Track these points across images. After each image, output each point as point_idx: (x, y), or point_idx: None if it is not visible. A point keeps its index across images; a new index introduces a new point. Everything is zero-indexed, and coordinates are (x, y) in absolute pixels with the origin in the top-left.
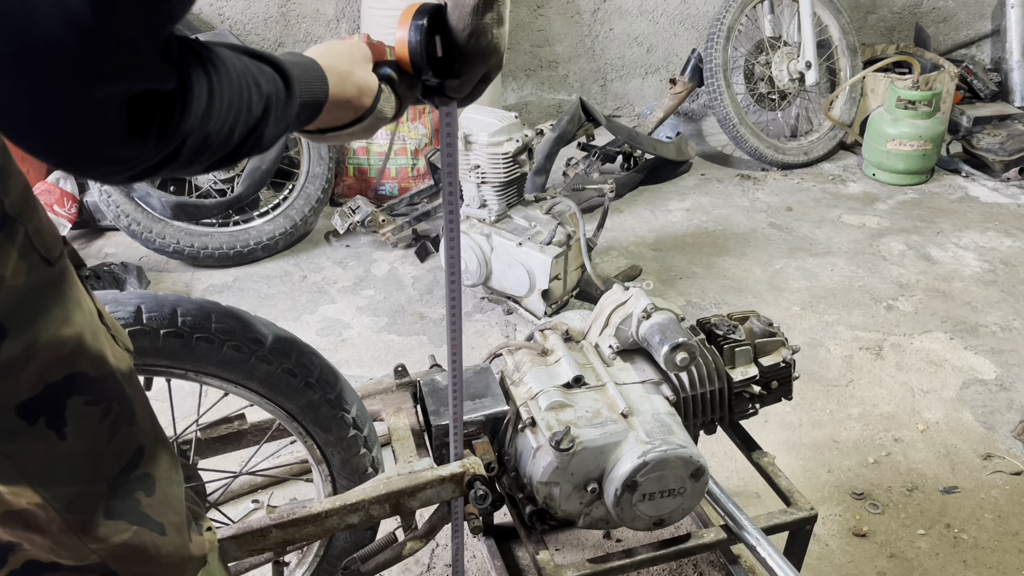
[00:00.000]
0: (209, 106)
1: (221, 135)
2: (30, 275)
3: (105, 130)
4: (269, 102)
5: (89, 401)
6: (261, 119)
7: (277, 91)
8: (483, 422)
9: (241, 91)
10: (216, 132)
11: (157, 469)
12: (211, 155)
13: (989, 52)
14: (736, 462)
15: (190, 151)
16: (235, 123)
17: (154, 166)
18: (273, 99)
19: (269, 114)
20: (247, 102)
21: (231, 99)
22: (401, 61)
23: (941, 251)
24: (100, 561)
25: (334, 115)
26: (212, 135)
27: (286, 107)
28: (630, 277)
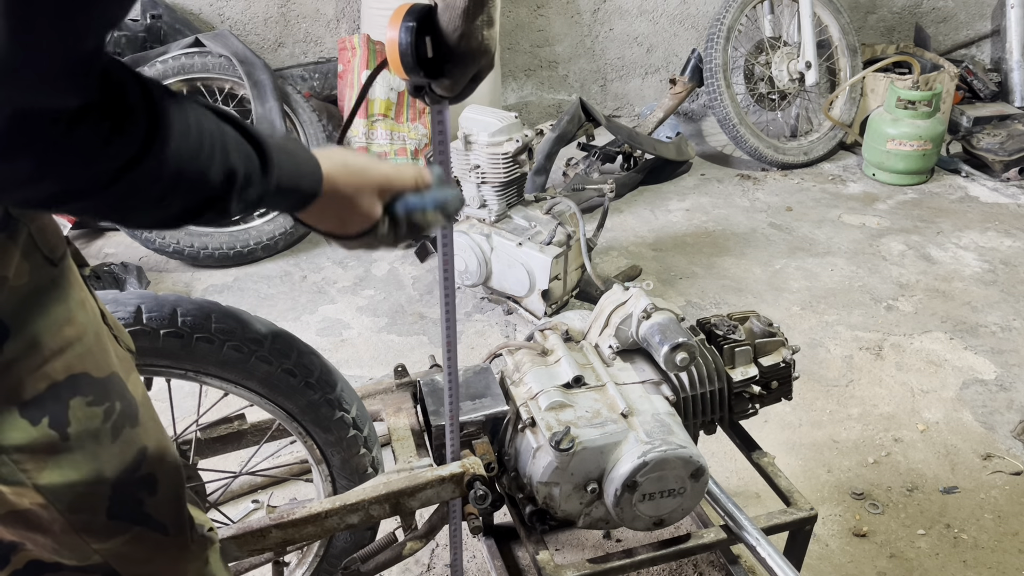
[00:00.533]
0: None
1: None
2: (33, 275)
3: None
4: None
5: (92, 401)
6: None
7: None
8: (483, 422)
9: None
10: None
11: (160, 469)
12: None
13: (989, 52)
14: (736, 462)
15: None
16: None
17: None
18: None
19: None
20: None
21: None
22: (391, 62)
23: (941, 251)
24: (103, 561)
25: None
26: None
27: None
28: (630, 277)
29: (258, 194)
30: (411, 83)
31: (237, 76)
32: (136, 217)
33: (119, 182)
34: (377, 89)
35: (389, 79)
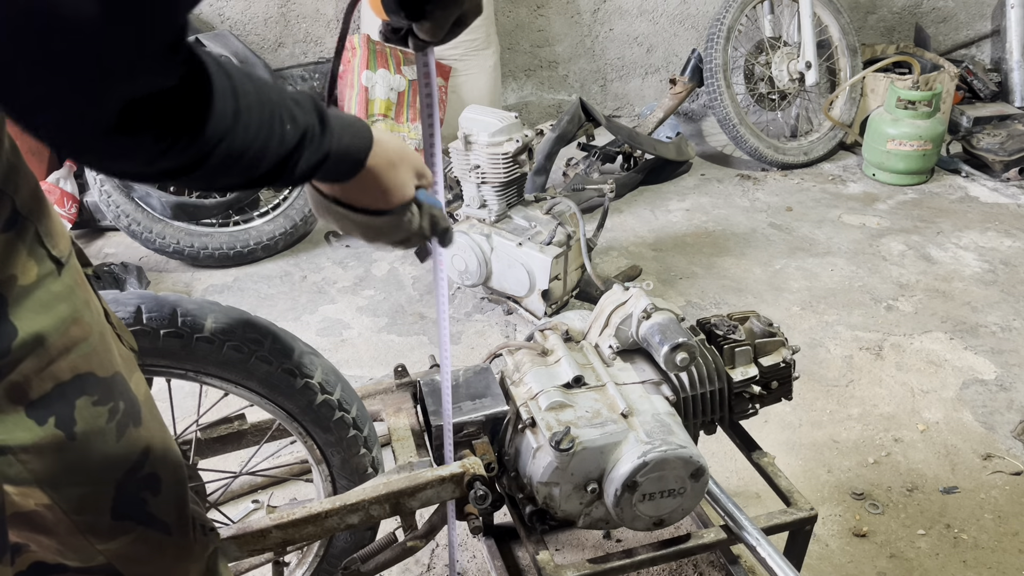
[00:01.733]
0: (235, 119)
1: (250, 155)
2: (40, 274)
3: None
4: (305, 134)
5: (97, 401)
6: (295, 149)
7: (312, 124)
8: (483, 422)
9: (273, 114)
10: (245, 150)
11: (163, 469)
12: (239, 173)
13: (989, 52)
14: (736, 462)
15: (216, 163)
16: (266, 145)
17: (173, 170)
18: (309, 132)
19: (303, 146)
20: (279, 128)
21: (261, 119)
22: (372, 4)
23: (941, 251)
24: (106, 562)
25: (358, 192)
26: (240, 152)
27: (320, 143)
28: (630, 277)
29: (320, 153)
30: (391, 25)
31: None
32: (227, 182)
33: (216, 153)
34: (377, 89)
35: (389, 79)
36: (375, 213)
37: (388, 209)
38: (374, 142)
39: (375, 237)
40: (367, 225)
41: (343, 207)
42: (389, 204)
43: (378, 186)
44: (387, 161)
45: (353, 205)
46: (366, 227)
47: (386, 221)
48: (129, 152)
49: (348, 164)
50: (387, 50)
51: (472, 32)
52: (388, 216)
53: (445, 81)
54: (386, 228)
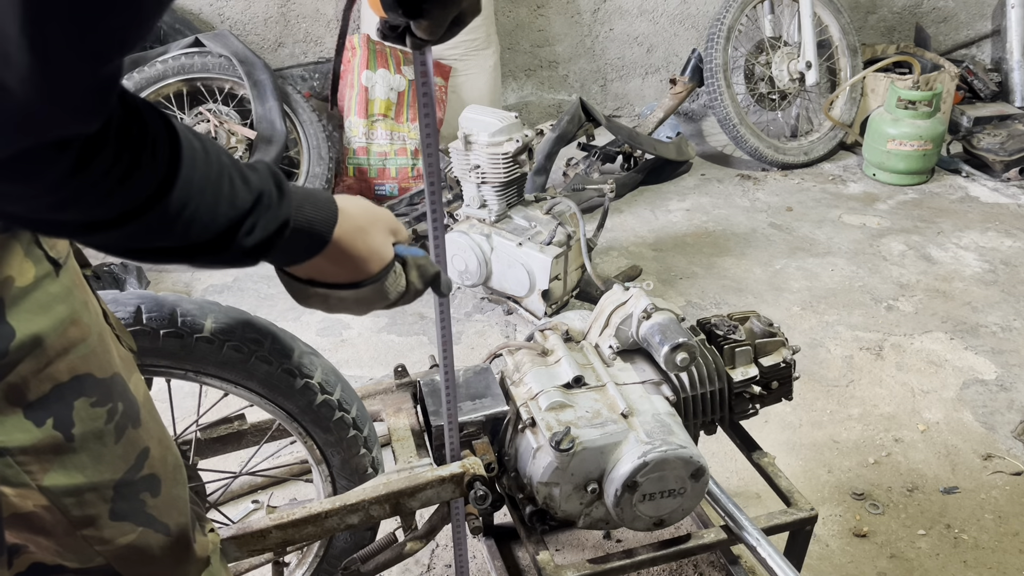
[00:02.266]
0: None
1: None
2: (37, 275)
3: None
4: (260, 197)
5: (96, 402)
6: (248, 212)
7: (269, 190)
8: (483, 422)
9: (222, 171)
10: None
11: (162, 470)
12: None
13: (989, 52)
14: (736, 462)
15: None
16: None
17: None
18: (265, 196)
19: (257, 211)
20: (229, 187)
21: (208, 173)
22: (370, 1)
23: (941, 251)
24: (105, 563)
25: (332, 268)
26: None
27: (277, 211)
28: (630, 277)
29: (277, 222)
30: (388, 23)
31: (237, 76)
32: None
33: (145, 213)
34: (377, 89)
35: (389, 79)
36: (356, 285)
37: (369, 278)
38: (339, 212)
39: (365, 308)
40: (352, 299)
41: (321, 286)
42: (369, 272)
43: (351, 257)
44: (355, 228)
45: (331, 282)
46: (352, 301)
47: (371, 290)
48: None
49: (314, 238)
50: (387, 50)
51: (472, 32)
52: (371, 284)
53: (445, 81)
54: (373, 297)
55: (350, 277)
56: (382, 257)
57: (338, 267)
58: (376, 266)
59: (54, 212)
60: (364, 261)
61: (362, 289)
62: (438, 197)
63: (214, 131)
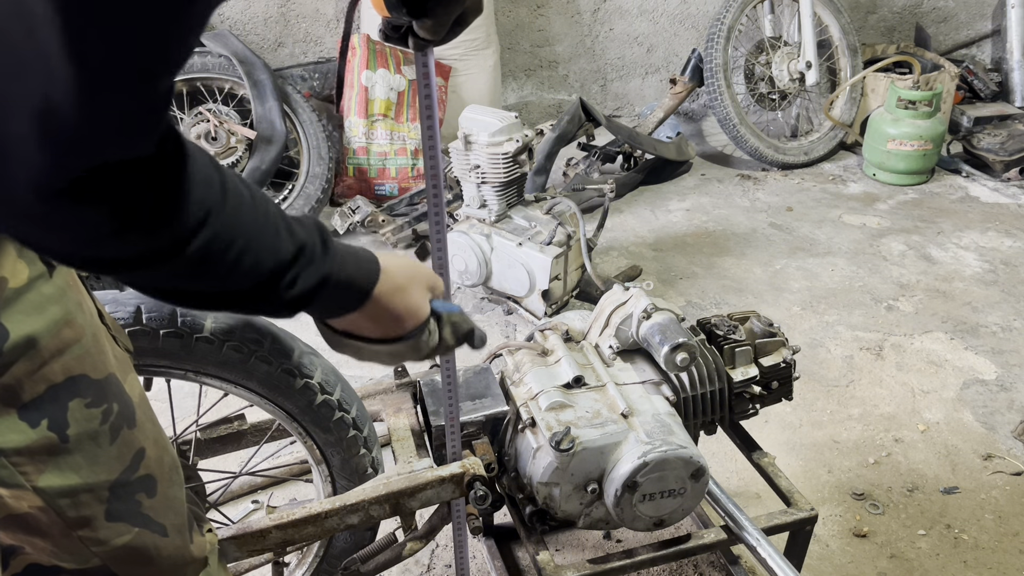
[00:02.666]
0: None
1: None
2: (30, 276)
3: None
4: (303, 248)
5: (91, 403)
6: (291, 263)
7: (313, 242)
8: (483, 422)
9: (268, 218)
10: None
11: (158, 470)
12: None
13: (989, 52)
14: (736, 462)
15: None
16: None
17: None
18: (308, 248)
19: (300, 262)
20: (273, 235)
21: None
22: (373, 1)
23: (941, 251)
24: (102, 564)
25: (369, 324)
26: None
27: (320, 264)
28: (630, 277)
29: (319, 275)
30: (391, 23)
31: (237, 76)
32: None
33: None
34: (377, 89)
35: (389, 79)
36: (391, 340)
37: (404, 335)
38: (381, 271)
39: (397, 361)
40: (385, 353)
41: (356, 339)
42: (404, 330)
43: (389, 314)
44: (394, 287)
45: (367, 336)
46: (385, 355)
47: (405, 346)
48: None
49: (353, 295)
50: (387, 50)
51: (472, 32)
52: (406, 341)
53: (445, 81)
54: (406, 352)
55: (385, 333)
56: (418, 316)
57: (374, 324)
58: (412, 324)
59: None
60: (401, 320)
61: (396, 345)
62: (439, 197)
63: (214, 131)
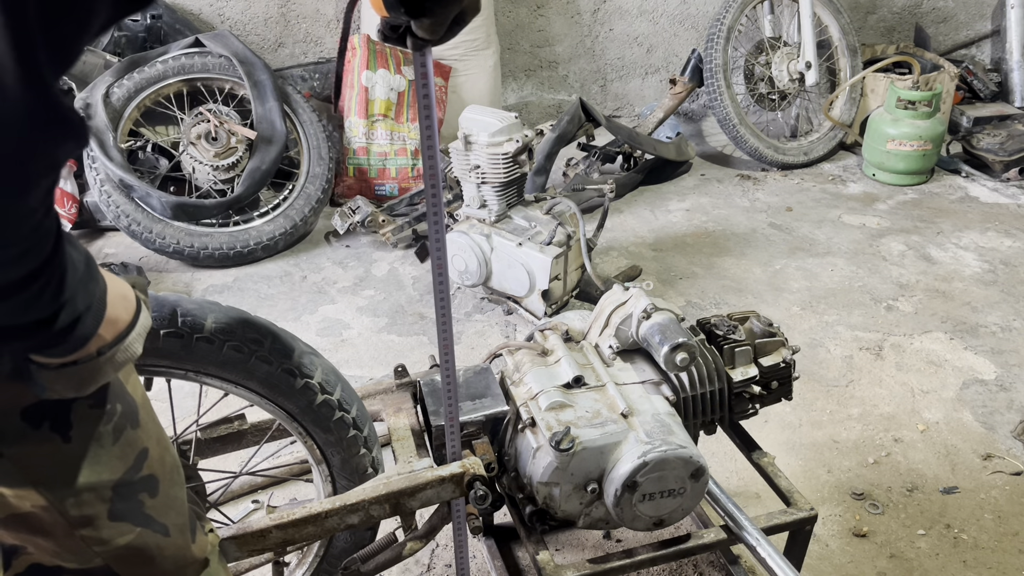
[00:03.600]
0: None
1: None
2: None
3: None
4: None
5: (93, 404)
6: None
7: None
8: (483, 422)
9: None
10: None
11: (161, 470)
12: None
13: (989, 52)
14: (736, 462)
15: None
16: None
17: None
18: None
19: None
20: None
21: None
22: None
23: (941, 251)
24: (104, 564)
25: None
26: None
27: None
28: (630, 277)
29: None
30: (390, 23)
31: (237, 76)
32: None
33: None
34: (377, 89)
35: (389, 79)
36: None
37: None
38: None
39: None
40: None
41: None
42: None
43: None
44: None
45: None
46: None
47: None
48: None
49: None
50: (387, 50)
51: (472, 32)
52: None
53: (445, 81)
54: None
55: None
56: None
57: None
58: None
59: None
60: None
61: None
62: (438, 197)
63: (214, 131)
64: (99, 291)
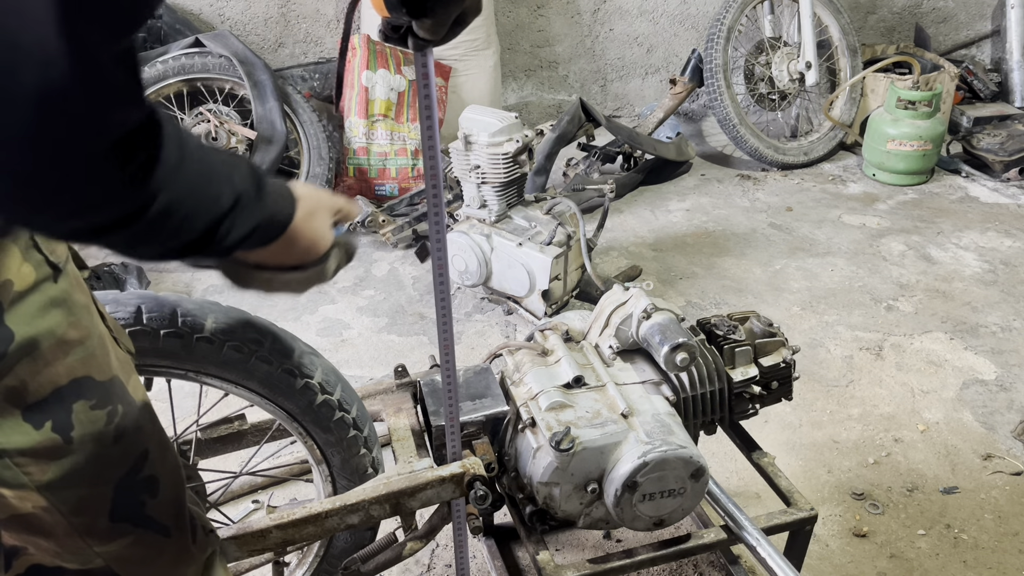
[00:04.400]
0: (180, 164)
1: (185, 211)
2: (36, 279)
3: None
4: (239, 199)
5: (95, 405)
6: (228, 212)
7: (247, 189)
8: (483, 422)
9: (212, 172)
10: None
11: (161, 471)
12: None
13: (989, 52)
14: (736, 462)
15: (155, 215)
16: (201, 204)
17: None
18: (244, 197)
19: (236, 211)
20: (216, 189)
21: (202, 173)
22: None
23: (941, 251)
24: (105, 565)
25: (283, 253)
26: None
27: (254, 208)
28: (630, 277)
29: (253, 221)
30: (391, 23)
31: (237, 76)
32: (152, 245)
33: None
34: (377, 89)
35: (389, 79)
36: (302, 268)
37: (315, 260)
38: (296, 200)
39: (306, 288)
40: (296, 281)
41: (266, 270)
42: (316, 255)
43: (302, 242)
44: (306, 214)
45: (277, 266)
46: (296, 283)
47: (315, 271)
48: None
49: (275, 229)
50: (387, 50)
51: (472, 32)
52: (316, 266)
53: (445, 81)
54: (315, 277)
55: (298, 261)
56: (326, 240)
57: (288, 253)
58: (321, 250)
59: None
60: (312, 245)
61: (307, 271)
62: (439, 197)
63: (214, 131)
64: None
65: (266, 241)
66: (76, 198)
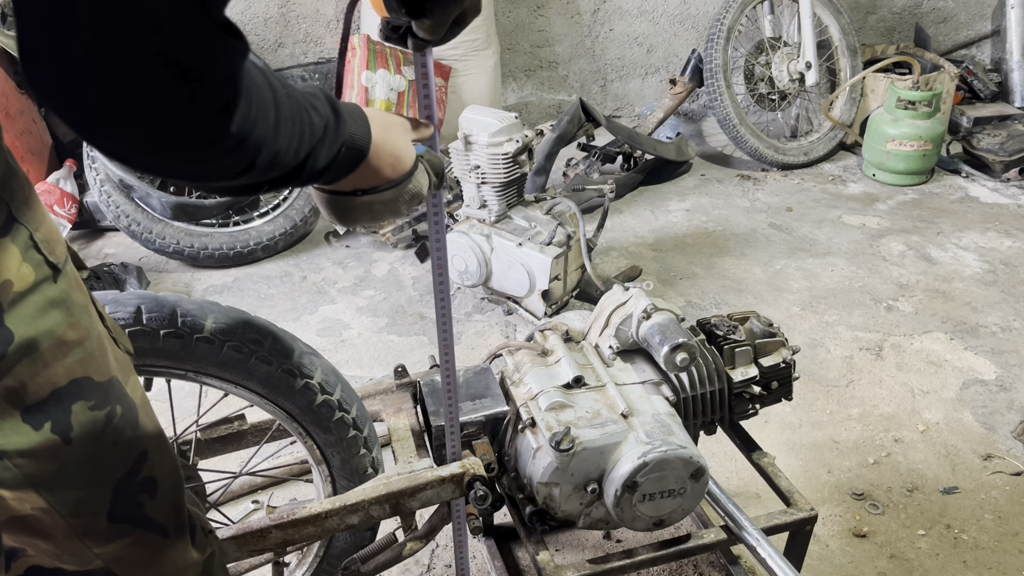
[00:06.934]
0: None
1: (290, 151)
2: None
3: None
4: (327, 124)
5: (94, 406)
6: (321, 139)
7: (329, 116)
8: (483, 422)
9: (302, 108)
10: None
11: (160, 472)
12: (281, 168)
13: (989, 52)
14: (736, 462)
15: (263, 164)
16: (300, 140)
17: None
18: (329, 122)
19: (326, 136)
20: (309, 119)
21: (294, 114)
22: (373, 1)
23: (941, 251)
24: (104, 566)
25: (373, 170)
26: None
27: (336, 132)
28: (630, 277)
29: (337, 146)
30: (391, 23)
31: None
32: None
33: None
34: (377, 89)
35: (389, 79)
36: (395, 184)
37: (406, 173)
38: (369, 118)
39: (407, 207)
40: (393, 199)
41: (365, 194)
42: (405, 167)
43: (387, 157)
44: (383, 128)
45: (374, 187)
46: (395, 201)
47: (408, 187)
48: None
49: (358, 151)
50: (387, 50)
51: (472, 32)
52: (407, 180)
53: (445, 81)
54: (413, 191)
55: (390, 175)
56: (410, 152)
57: (376, 170)
58: (408, 160)
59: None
60: (398, 158)
61: (402, 186)
62: (439, 197)
63: None
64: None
65: (352, 164)
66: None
